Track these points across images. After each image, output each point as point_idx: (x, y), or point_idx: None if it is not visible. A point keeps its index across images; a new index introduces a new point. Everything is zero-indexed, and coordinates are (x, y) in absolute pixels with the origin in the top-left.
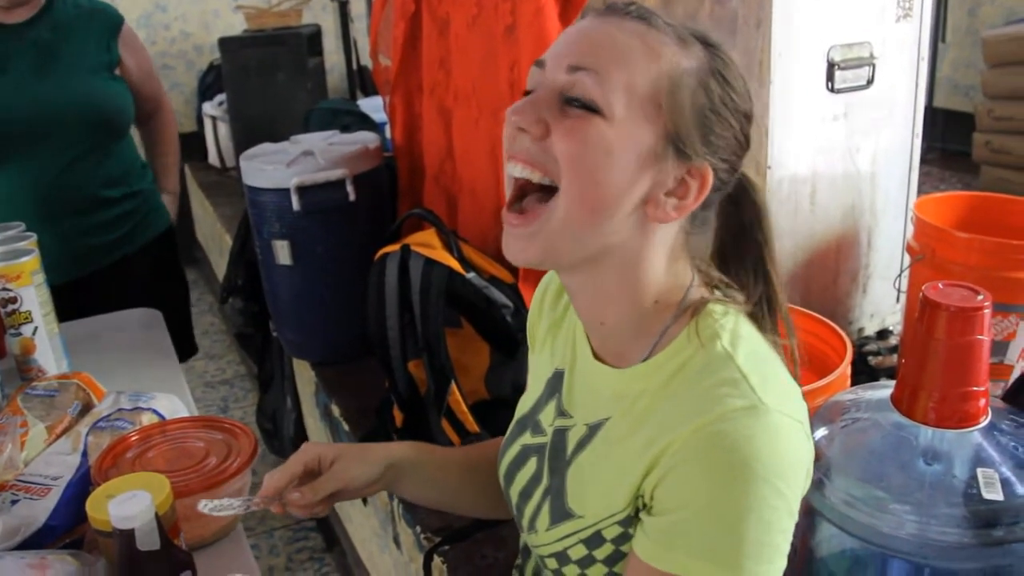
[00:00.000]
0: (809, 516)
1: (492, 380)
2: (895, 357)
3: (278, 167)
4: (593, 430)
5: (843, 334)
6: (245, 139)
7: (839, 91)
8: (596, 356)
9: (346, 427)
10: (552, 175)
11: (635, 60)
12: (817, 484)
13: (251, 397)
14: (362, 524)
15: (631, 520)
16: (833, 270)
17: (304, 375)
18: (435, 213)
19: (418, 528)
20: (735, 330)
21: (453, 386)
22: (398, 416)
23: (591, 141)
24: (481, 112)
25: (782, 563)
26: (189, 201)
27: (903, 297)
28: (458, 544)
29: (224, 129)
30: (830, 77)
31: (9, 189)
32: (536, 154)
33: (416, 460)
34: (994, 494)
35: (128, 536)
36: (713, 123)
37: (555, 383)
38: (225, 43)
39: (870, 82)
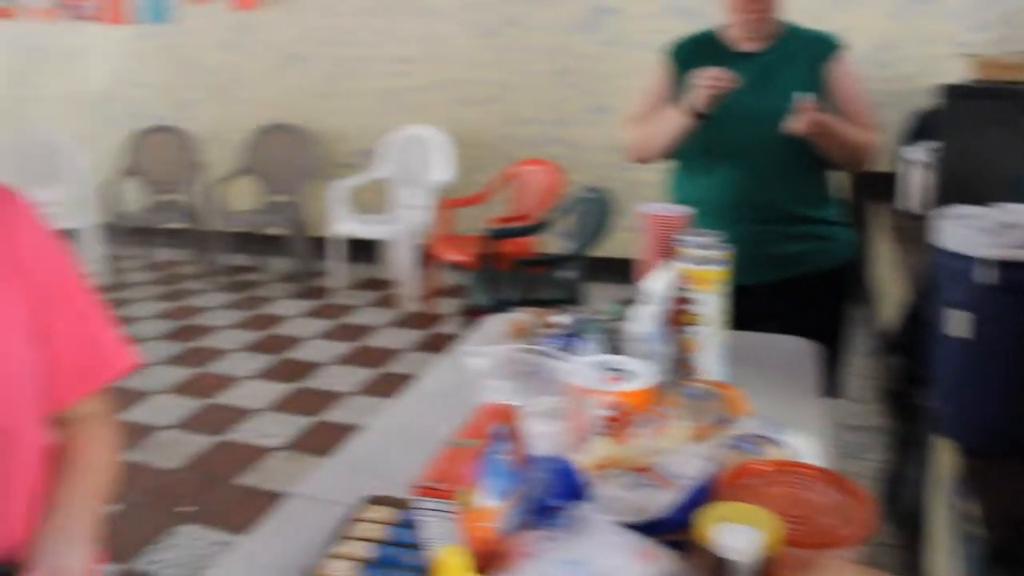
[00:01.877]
0: None
1: None
2: None
3: (975, 233)
4: None
5: None
6: (946, 192)
7: None
8: None
9: (977, 531)
10: None
11: None
12: None
13: (878, 451)
14: None
15: None
16: None
17: (944, 456)
18: None
19: None
20: None
21: None
22: None
23: None
24: None
25: None
26: (872, 240)
27: None
28: None
29: (923, 176)
30: None
31: (712, 190)
32: None
33: None
34: None
35: (728, 566)
36: None
37: None
38: (951, 90)
39: None
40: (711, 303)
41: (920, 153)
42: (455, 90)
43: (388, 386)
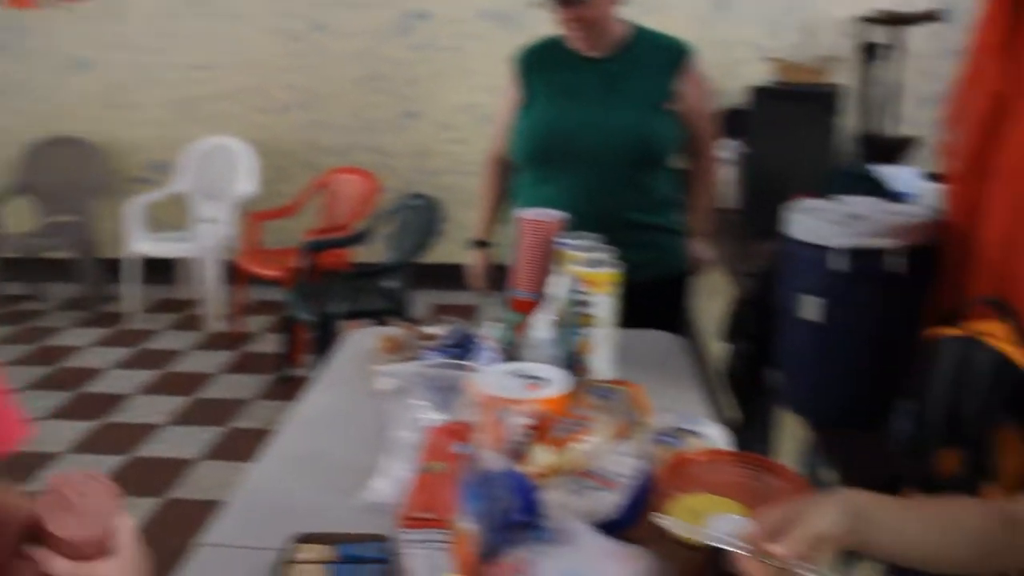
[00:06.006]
0: None
1: None
2: None
3: (826, 225)
4: None
5: None
6: (754, 187)
7: None
8: None
9: None
10: None
11: None
12: None
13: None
14: None
15: None
16: None
17: (792, 431)
18: (1011, 305)
19: None
20: None
21: (987, 488)
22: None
23: None
24: None
25: None
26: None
27: None
28: None
29: (729, 173)
30: None
31: (555, 199)
32: None
33: (885, 509)
34: None
35: (719, 555)
36: None
37: None
38: (758, 92)
39: None
40: (604, 304)
41: (728, 152)
42: (257, 98)
43: (202, 413)
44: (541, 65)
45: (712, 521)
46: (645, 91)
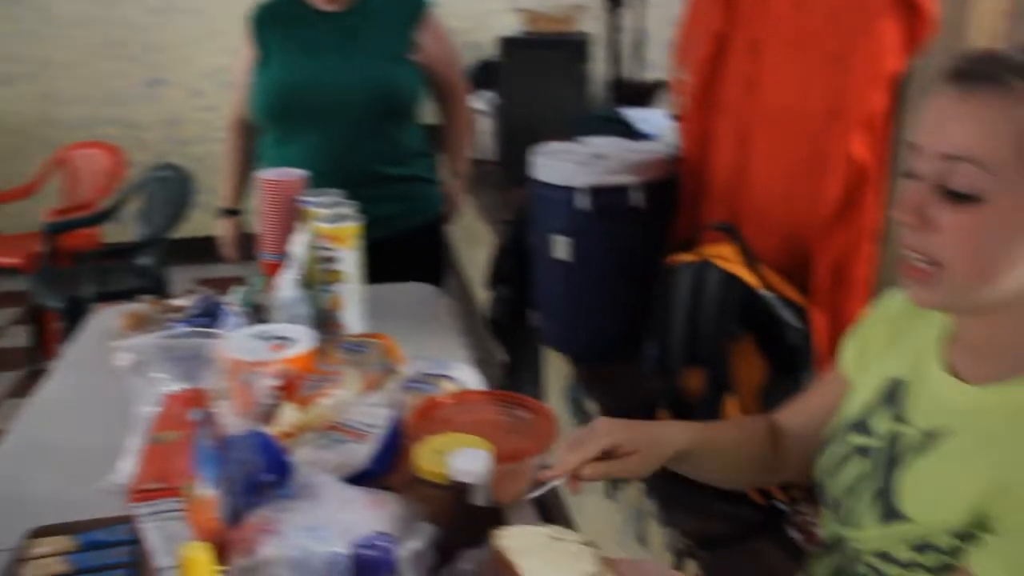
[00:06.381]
0: None
1: (767, 397)
2: None
3: (570, 166)
4: (930, 438)
5: None
6: (509, 136)
7: None
8: (946, 369)
9: None
10: (939, 259)
11: (1005, 138)
12: None
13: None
14: (597, 517)
15: (968, 536)
16: None
17: (557, 368)
18: (738, 229)
19: (674, 530)
20: None
21: (729, 400)
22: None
23: (973, 234)
24: (787, 137)
25: None
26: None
27: None
28: (714, 551)
29: (484, 124)
30: None
31: (301, 157)
32: (921, 244)
33: (696, 450)
34: None
35: (465, 489)
36: None
37: (893, 391)
38: (507, 42)
39: None
40: (350, 259)
41: (482, 103)
42: None
43: None
44: (276, 21)
45: (455, 456)
46: (384, 43)
